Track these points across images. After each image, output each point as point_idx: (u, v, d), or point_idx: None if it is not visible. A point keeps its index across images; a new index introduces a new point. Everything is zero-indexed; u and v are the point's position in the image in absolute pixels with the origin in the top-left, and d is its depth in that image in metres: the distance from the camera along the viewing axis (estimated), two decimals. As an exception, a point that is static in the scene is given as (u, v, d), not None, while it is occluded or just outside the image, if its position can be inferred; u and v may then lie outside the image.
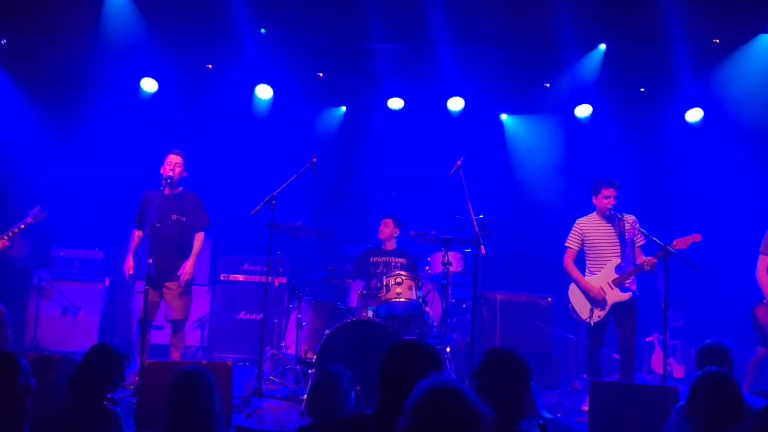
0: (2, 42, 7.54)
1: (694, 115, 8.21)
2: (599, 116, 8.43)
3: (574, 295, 6.05)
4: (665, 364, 5.42)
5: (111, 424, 3.34)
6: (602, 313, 5.86)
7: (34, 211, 5.88)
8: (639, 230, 5.85)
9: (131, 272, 6.04)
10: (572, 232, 6.17)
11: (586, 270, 6.10)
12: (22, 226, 5.79)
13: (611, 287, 5.85)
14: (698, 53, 7.48)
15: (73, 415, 3.34)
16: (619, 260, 5.90)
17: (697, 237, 5.52)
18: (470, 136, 8.50)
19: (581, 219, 6.18)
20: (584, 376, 7.21)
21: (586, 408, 5.17)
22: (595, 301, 5.89)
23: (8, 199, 5.93)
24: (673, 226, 6.16)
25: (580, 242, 6.11)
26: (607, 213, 5.96)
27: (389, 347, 2.72)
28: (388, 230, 7.10)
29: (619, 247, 5.92)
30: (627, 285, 5.87)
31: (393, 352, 2.68)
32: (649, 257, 5.73)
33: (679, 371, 7.80)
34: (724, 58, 7.72)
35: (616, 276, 5.85)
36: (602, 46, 7.82)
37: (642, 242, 5.93)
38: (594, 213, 6.12)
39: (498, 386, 2.57)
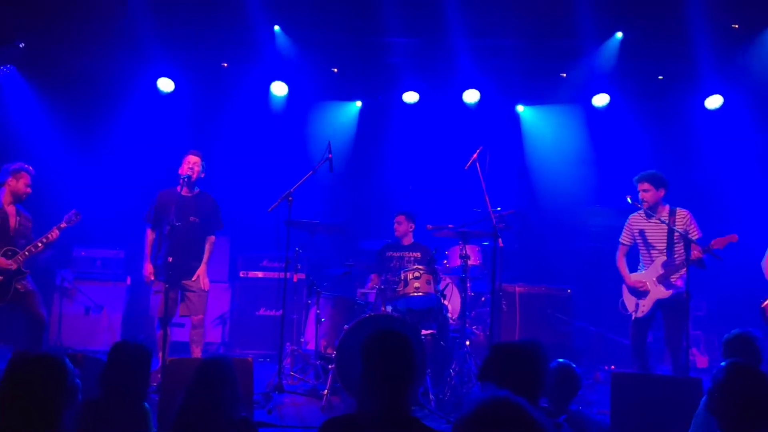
0: (20, 46, 7.62)
1: (713, 101, 8.09)
2: (617, 105, 8.34)
3: (625, 290, 6.06)
4: (688, 354, 5.37)
5: (141, 418, 3.38)
6: (645, 309, 5.85)
7: (69, 214, 5.84)
8: (687, 226, 5.71)
9: (152, 278, 6.06)
10: (624, 227, 6.12)
11: (639, 265, 6.06)
12: (56, 231, 5.77)
13: (656, 284, 5.83)
14: (717, 39, 7.35)
15: (104, 410, 3.37)
16: (665, 257, 5.84)
17: (734, 237, 5.51)
18: (486, 128, 8.45)
19: (633, 214, 6.11)
20: (606, 367, 7.18)
21: None
22: (638, 293, 5.89)
23: (29, 200, 5.98)
24: (693, 214, 6.09)
25: (631, 238, 6.06)
26: (644, 207, 5.89)
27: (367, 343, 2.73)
28: (402, 227, 7.10)
29: (665, 243, 5.85)
30: (672, 282, 5.79)
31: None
32: (696, 251, 5.58)
33: (702, 361, 7.73)
34: (744, 44, 7.60)
35: (661, 272, 5.81)
36: (619, 34, 7.72)
37: (697, 235, 5.76)
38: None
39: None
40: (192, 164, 6.11)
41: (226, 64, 8.30)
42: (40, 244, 5.74)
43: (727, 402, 2.62)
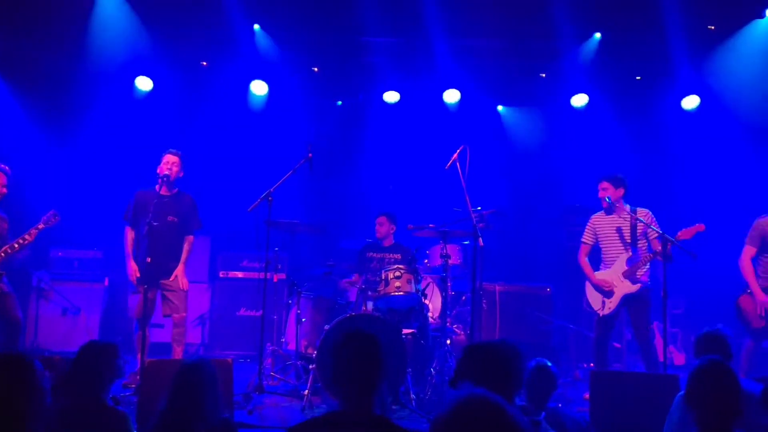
0: (-6, 44, 7.51)
1: (690, 102, 8.20)
2: (595, 105, 8.42)
3: (589, 288, 6.16)
4: (665, 351, 5.43)
5: (119, 423, 3.34)
6: (612, 306, 5.94)
7: (47, 215, 5.73)
8: (650, 224, 5.82)
9: (138, 275, 5.99)
10: (586, 227, 6.25)
11: (601, 264, 6.15)
12: (34, 232, 5.66)
13: (622, 279, 5.92)
14: (693, 40, 7.46)
15: (75, 415, 3.33)
16: (629, 253, 5.96)
17: (701, 227, 5.56)
18: (467, 128, 8.47)
19: (595, 214, 6.25)
20: (585, 365, 7.23)
21: (588, 396, 5.19)
22: (604, 291, 5.98)
23: (6, 200, 5.90)
24: (670, 214, 6.18)
25: (593, 237, 6.19)
26: (604, 206, 6.04)
27: (340, 348, 2.76)
28: (383, 228, 7.11)
29: (630, 240, 5.96)
30: (638, 277, 5.91)
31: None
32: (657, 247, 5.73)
33: (679, 359, 7.82)
34: (720, 45, 7.70)
35: (627, 268, 5.92)
36: (597, 35, 7.79)
37: (655, 235, 5.87)
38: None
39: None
40: (170, 164, 6.06)
41: (205, 63, 8.23)
42: (16, 245, 5.64)
43: (699, 397, 2.72)
